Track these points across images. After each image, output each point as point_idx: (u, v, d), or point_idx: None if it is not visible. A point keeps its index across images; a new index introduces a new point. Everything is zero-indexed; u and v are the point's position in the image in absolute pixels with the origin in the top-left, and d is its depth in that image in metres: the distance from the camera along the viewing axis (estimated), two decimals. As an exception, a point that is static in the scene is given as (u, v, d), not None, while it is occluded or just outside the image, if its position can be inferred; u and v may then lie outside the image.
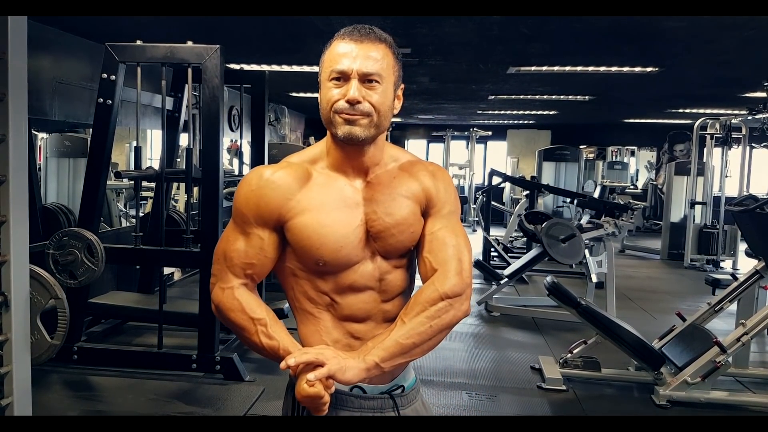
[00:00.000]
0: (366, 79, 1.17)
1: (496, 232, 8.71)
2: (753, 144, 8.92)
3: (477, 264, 5.93)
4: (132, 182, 4.27)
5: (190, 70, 3.61)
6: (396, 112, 1.26)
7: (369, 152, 1.24)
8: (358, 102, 1.16)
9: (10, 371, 1.89)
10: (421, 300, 1.21)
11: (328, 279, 1.23)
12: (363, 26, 1.20)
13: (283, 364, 1.13)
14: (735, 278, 4.06)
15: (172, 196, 5.98)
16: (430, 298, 1.20)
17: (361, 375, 1.15)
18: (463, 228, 1.33)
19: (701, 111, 8.96)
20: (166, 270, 5.46)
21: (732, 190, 8.43)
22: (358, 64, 1.16)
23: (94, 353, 3.76)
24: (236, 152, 7.20)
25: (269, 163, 5.12)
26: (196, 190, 4.65)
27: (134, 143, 3.79)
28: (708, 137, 8.03)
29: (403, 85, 1.26)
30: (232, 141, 8.64)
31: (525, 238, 7.57)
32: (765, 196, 7.31)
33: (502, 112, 10.12)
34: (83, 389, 3.48)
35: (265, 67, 5.84)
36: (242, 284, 1.24)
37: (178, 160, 4.93)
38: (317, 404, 1.12)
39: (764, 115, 6.09)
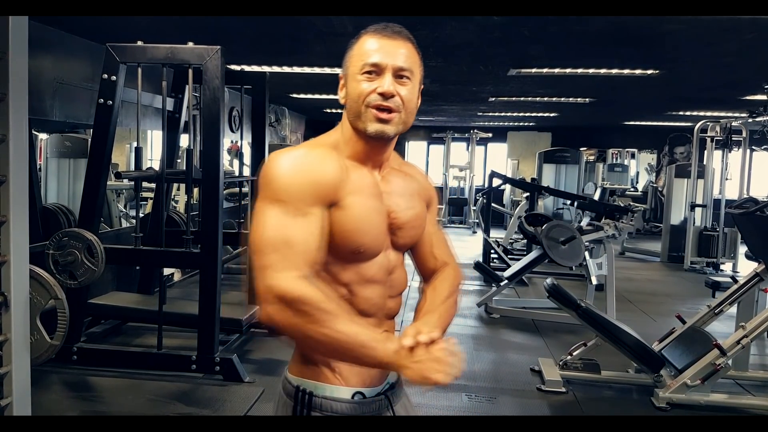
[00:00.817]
0: (398, 74, 1.17)
1: (496, 233, 8.71)
2: (753, 147, 8.92)
3: (477, 266, 5.93)
4: (132, 183, 4.27)
5: (190, 71, 3.61)
6: (415, 111, 1.26)
7: (388, 149, 1.26)
8: (392, 95, 1.16)
9: (9, 371, 1.89)
10: (448, 286, 1.34)
11: (351, 269, 1.20)
12: (393, 25, 1.22)
13: (411, 341, 1.04)
14: (735, 281, 4.05)
15: (173, 197, 5.98)
16: (453, 285, 1.36)
17: None
18: None
19: (702, 114, 8.96)
20: (166, 271, 5.46)
21: (732, 192, 8.43)
22: (392, 58, 1.17)
23: (94, 354, 3.75)
24: (237, 153, 7.20)
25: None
26: (196, 190, 4.65)
27: (135, 144, 3.79)
28: (708, 140, 8.03)
29: (422, 86, 1.27)
30: (232, 142, 8.65)
31: (525, 240, 7.56)
32: (765, 199, 7.31)
33: (502, 114, 10.12)
34: (83, 390, 3.48)
35: (265, 68, 5.84)
36: (310, 274, 1.10)
37: (179, 160, 4.93)
38: (451, 367, 1.05)
39: (764, 118, 6.10)
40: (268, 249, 1.09)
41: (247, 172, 5.08)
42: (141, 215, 4.64)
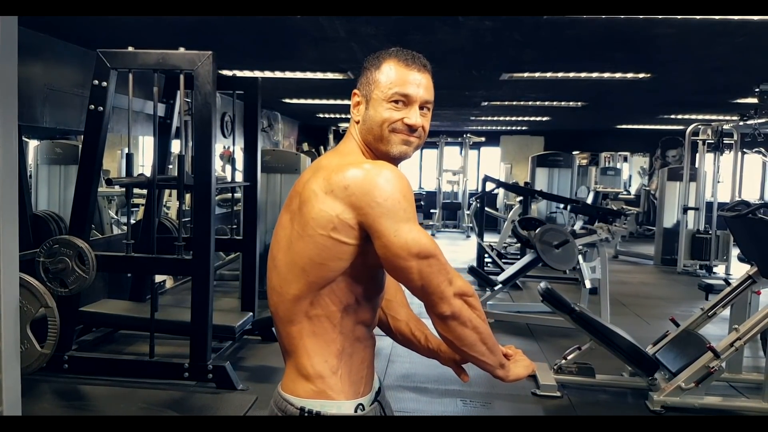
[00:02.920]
0: (423, 106, 1.24)
1: (489, 238, 8.71)
2: (744, 149, 8.95)
3: (471, 270, 5.93)
4: (123, 189, 4.25)
5: (182, 77, 3.60)
6: None
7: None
8: (418, 127, 1.24)
9: (-2, 381, 1.86)
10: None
11: (378, 279, 1.25)
12: (417, 54, 1.27)
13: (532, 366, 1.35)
14: (728, 283, 4.07)
15: (164, 204, 5.95)
16: None
17: None
18: None
19: (693, 117, 9.01)
20: (158, 278, 5.42)
21: (724, 195, 8.48)
22: (422, 91, 1.24)
23: (85, 362, 3.71)
24: (229, 159, 7.18)
25: (262, 169, 5.11)
26: (188, 197, 4.62)
27: (126, 150, 3.77)
28: (700, 143, 8.08)
29: None
30: (224, 147, 8.62)
31: (519, 244, 7.57)
32: (757, 202, 7.35)
33: (495, 118, 10.15)
34: (74, 399, 3.45)
35: (257, 74, 5.83)
36: None
37: (170, 167, 4.91)
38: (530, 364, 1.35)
39: (755, 121, 6.14)
40: (443, 260, 1.17)
41: (239, 177, 5.06)
42: (132, 222, 4.61)
